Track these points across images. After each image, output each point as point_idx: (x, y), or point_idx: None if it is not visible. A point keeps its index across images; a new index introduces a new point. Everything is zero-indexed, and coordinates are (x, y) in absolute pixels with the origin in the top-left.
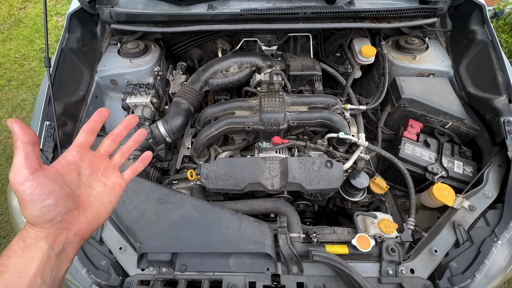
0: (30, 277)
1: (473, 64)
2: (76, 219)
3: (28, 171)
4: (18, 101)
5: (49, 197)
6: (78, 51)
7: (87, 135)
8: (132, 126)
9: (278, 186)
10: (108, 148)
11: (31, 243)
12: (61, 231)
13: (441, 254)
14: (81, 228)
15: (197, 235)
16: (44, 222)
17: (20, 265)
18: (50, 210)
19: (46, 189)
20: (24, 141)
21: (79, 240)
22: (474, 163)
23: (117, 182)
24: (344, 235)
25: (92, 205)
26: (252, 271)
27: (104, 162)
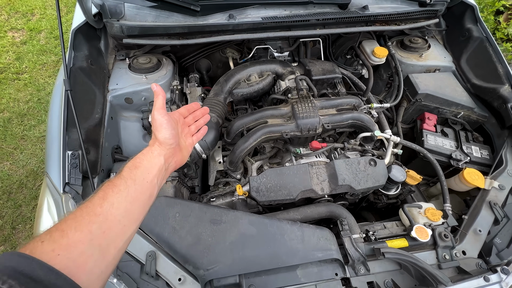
0: (153, 175)
1: (473, 58)
2: (177, 153)
3: (164, 112)
4: None
5: (173, 129)
6: (88, 70)
7: (185, 112)
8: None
9: (328, 190)
10: (189, 121)
11: (156, 155)
12: (171, 154)
13: (484, 233)
14: (178, 159)
15: (262, 252)
16: (167, 144)
17: (149, 166)
18: (173, 136)
19: (172, 124)
20: (163, 95)
21: (174, 166)
22: (488, 146)
23: (190, 143)
24: (394, 228)
25: (181, 150)
26: (321, 278)
27: (186, 128)
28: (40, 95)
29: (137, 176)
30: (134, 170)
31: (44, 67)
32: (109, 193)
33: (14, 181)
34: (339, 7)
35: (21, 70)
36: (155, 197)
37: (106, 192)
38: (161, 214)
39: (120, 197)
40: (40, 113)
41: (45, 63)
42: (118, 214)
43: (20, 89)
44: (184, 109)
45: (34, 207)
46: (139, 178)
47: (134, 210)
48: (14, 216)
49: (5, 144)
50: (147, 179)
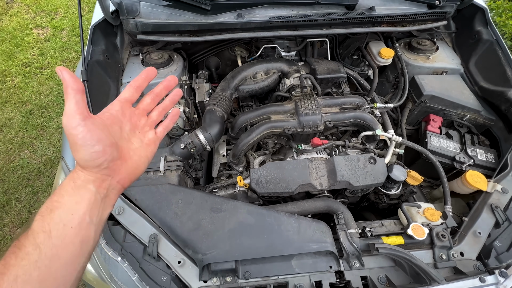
0: (80, 215)
1: (482, 61)
2: (119, 169)
3: (80, 117)
4: (5, 120)
5: (98, 143)
6: (104, 64)
7: (132, 92)
8: (171, 87)
9: (327, 185)
10: (147, 106)
11: (80, 184)
12: (106, 177)
13: (484, 235)
14: (123, 177)
15: (259, 240)
16: (93, 167)
17: (72, 203)
18: (98, 155)
19: (96, 136)
20: (74, 88)
21: (120, 187)
22: (494, 150)
23: (152, 140)
24: (392, 226)
25: (131, 158)
26: (316, 270)
27: (142, 119)
28: (60, 89)
29: (53, 223)
30: (49, 215)
31: (65, 63)
32: (10, 261)
33: (33, 169)
34: (346, 8)
35: (44, 65)
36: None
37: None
38: (165, 200)
39: (28, 264)
40: (59, 106)
41: (66, 59)
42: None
43: (42, 83)
44: (131, 89)
45: (49, 194)
46: (57, 225)
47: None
48: (31, 201)
49: (26, 134)
50: (71, 223)
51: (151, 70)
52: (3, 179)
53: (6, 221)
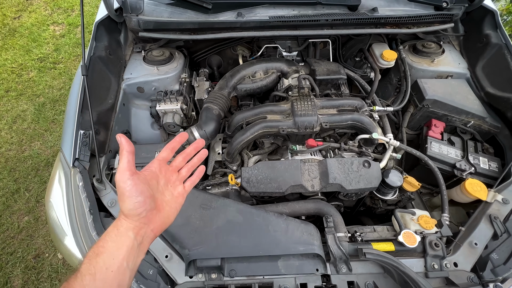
0: (120, 260)
1: (489, 65)
2: (154, 217)
3: (129, 173)
4: (18, 112)
5: (140, 195)
6: (106, 59)
7: (168, 153)
8: (200, 148)
9: (319, 187)
10: (179, 164)
11: (122, 231)
12: (143, 225)
13: (481, 246)
14: (156, 226)
15: (246, 239)
16: (134, 215)
17: (114, 249)
18: (140, 205)
19: (139, 189)
20: (128, 150)
21: (153, 236)
22: (498, 159)
23: (181, 193)
24: (384, 232)
25: (164, 209)
26: (302, 272)
27: (174, 175)
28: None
29: (98, 267)
30: (95, 259)
31: (78, 59)
32: None
33: (42, 160)
34: (349, 8)
35: (58, 60)
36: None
37: None
38: None
39: None
40: None
41: (79, 55)
42: None
43: (55, 77)
44: (167, 150)
45: None
46: (101, 269)
47: None
48: (39, 190)
49: (38, 125)
50: (112, 267)
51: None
52: (14, 168)
53: (14, 208)
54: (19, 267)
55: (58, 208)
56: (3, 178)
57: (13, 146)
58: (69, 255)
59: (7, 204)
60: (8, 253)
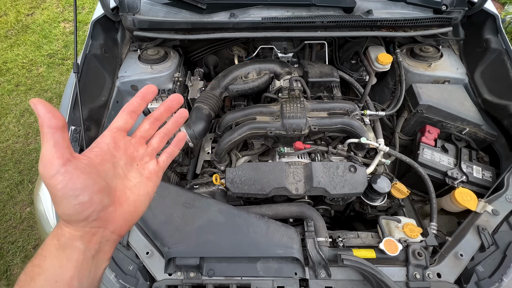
0: (67, 281)
1: (488, 71)
2: (112, 216)
3: (59, 162)
4: (26, 106)
5: (83, 192)
6: (101, 57)
7: (127, 119)
8: (175, 109)
9: (303, 190)
10: (146, 133)
11: (66, 242)
12: (97, 229)
13: (466, 258)
14: (119, 225)
15: (225, 240)
16: (79, 221)
17: (55, 267)
18: (85, 207)
19: (80, 183)
20: (51, 125)
21: (116, 237)
22: (493, 168)
23: (153, 171)
24: (368, 239)
25: (128, 199)
26: (280, 275)
27: (141, 149)
28: None
29: None
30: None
31: None
32: None
33: None
34: (344, 10)
35: (66, 57)
36: None
37: None
38: None
39: None
40: None
41: None
42: None
43: (63, 73)
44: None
45: None
46: None
47: None
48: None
49: None
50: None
51: (148, 89)
52: (20, 160)
53: (18, 199)
54: (19, 256)
55: (45, 202)
56: (9, 169)
57: (19, 139)
58: None
59: (11, 195)
60: (9, 242)
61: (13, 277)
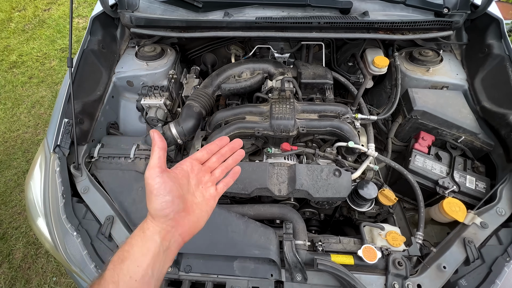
0: (144, 268)
1: (489, 78)
2: (183, 220)
3: (159, 170)
4: (38, 97)
5: (169, 194)
6: (98, 53)
7: (204, 154)
8: (236, 149)
9: (286, 192)
10: (213, 164)
11: (148, 235)
12: (171, 228)
13: (450, 271)
14: (185, 229)
15: (203, 237)
16: (161, 216)
17: (139, 254)
18: (167, 205)
19: (168, 187)
20: (160, 146)
21: (181, 241)
22: (488, 179)
23: (212, 195)
24: (350, 245)
25: (194, 211)
26: (256, 276)
27: (206, 176)
28: None
29: (121, 275)
30: (119, 265)
31: None
32: None
33: None
34: (341, 12)
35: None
36: None
37: None
38: (127, 186)
39: None
40: None
41: None
42: None
43: None
44: (203, 151)
45: None
46: (124, 277)
47: None
48: None
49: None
50: (136, 276)
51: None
52: (28, 150)
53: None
54: (22, 241)
55: (35, 190)
56: (17, 158)
57: (29, 129)
58: (40, 235)
59: (18, 182)
60: (13, 227)
61: (15, 261)
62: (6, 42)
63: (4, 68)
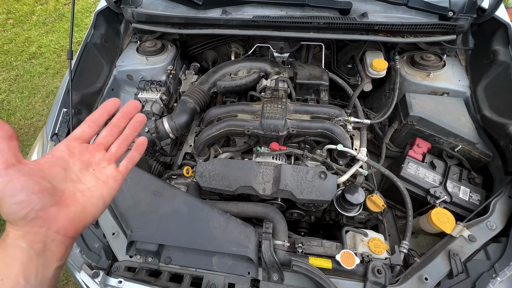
0: (13, 279)
1: (492, 86)
2: (55, 216)
3: (4, 166)
4: (52, 88)
5: (20, 192)
6: (100, 46)
7: (84, 128)
8: (131, 114)
9: (270, 191)
10: (104, 140)
11: (10, 242)
12: (39, 228)
13: (431, 283)
14: (62, 225)
15: (185, 230)
16: (18, 220)
17: (1, 266)
18: (22, 206)
19: (18, 184)
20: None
21: (63, 238)
22: (483, 191)
23: (111, 176)
24: (331, 249)
25: (77, 201)
26: (233, 272)
27: (97, 155)
28: None
29: None
30: None
31: None
32: None
33: None
34: (340, 12)
35: None
36: None
37: None
38: None
39: None
40: None
41: None
42: None
43: None
44: (85, 125)
45: None
46: None
47: None
48: None
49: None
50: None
51: (113, 102)
52: None
53: None
54: None
55: None
56: (30, 144)
57: (42, 117)
58: None
59: None
60: None
61: None
62: (28, 34)
63: (23, 58)
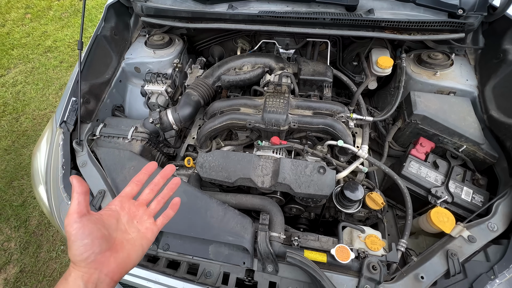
0: None
1: (501, 86)
2: (108, 260)
3: (77, 215)
4: (66, 80)
5: (87, 237)
6: (110, 39)
7: (132, 187)
8: (168, 176)
9: (268, 184)
10: (146, 197)
11: (71, 281)
12: (94, 270)
13: (427, 281)
14: (111, 269)
15: (183, 219)
16: (81, 261)
17: None
18: (86, 249)
19: (87, 230)
20: (78, 191)
21: (109, 281)
22: (487, 192)
23: (150, 228)
24: (328, 244)
25: (124, 248)
26: (228, 262)
27: (141, 210)
28: None
29: None
30: None
31: None
32: None
33: None
34: (346, 9)
35: None
36: None
37: None
38: (120, 163)
39: None
40: None
41: None
42: None
43: None
44: (132, 184)
45: None
46: None
47: None
48: None
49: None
50: None
51: (151, 166)
52: None
53: None
54: (38, 210)
55: (40, 160)
56: None
57: (55, 109)
58: (40, 200)
59: None
60: (32, 197)
61: (30, 227)
62: (44, 28)
63: (40, 51)
